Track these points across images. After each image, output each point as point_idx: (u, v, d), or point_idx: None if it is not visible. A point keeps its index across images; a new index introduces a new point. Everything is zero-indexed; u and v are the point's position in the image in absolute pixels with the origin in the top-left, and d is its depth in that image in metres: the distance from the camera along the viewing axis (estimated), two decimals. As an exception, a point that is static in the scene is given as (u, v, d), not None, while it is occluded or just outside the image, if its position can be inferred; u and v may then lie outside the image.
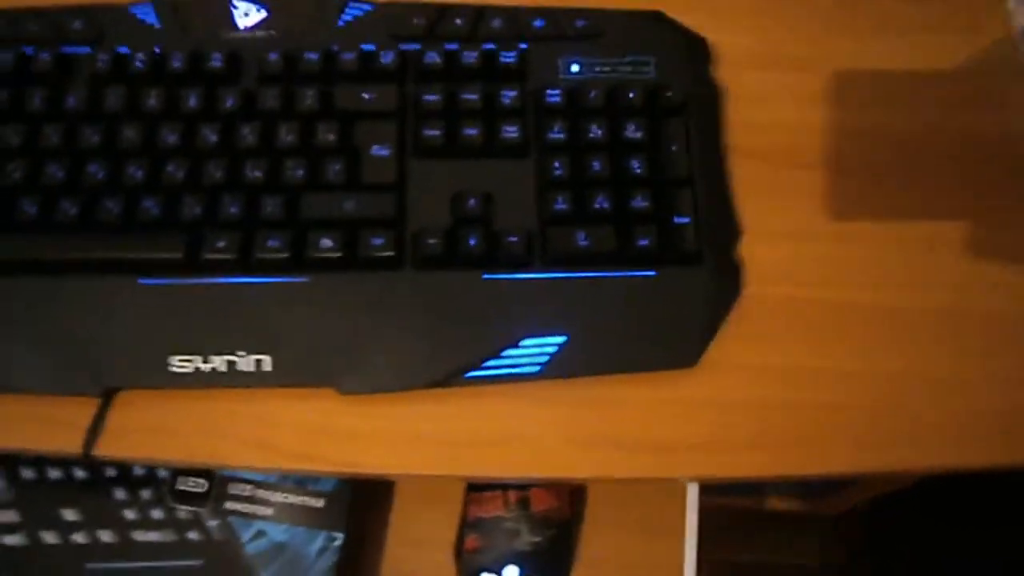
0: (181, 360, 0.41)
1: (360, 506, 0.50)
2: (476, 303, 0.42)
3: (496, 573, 0.51)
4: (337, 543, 0.48)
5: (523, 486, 0.53)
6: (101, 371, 0.41)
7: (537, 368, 0.41)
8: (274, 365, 0.41)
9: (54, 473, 0.51)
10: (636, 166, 0.44)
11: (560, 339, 0.42)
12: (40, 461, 0.52)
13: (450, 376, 0.41)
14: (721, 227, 0.44)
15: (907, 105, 0.49)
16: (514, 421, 0.42)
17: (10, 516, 0.50)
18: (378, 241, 0.42)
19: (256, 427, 0.42)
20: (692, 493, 0.52)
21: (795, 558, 1.02)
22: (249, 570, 0.48)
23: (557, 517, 0.52)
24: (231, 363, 0.41)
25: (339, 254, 0.42)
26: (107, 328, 0.41)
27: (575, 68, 0.46)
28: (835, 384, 0.43)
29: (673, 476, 0.42)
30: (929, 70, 0.50)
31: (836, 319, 0.44)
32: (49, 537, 0.49)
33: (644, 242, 0.42)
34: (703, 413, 0.42)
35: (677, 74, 0.47)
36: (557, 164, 0.43)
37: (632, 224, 0.43)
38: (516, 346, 0.42)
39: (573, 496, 0.53)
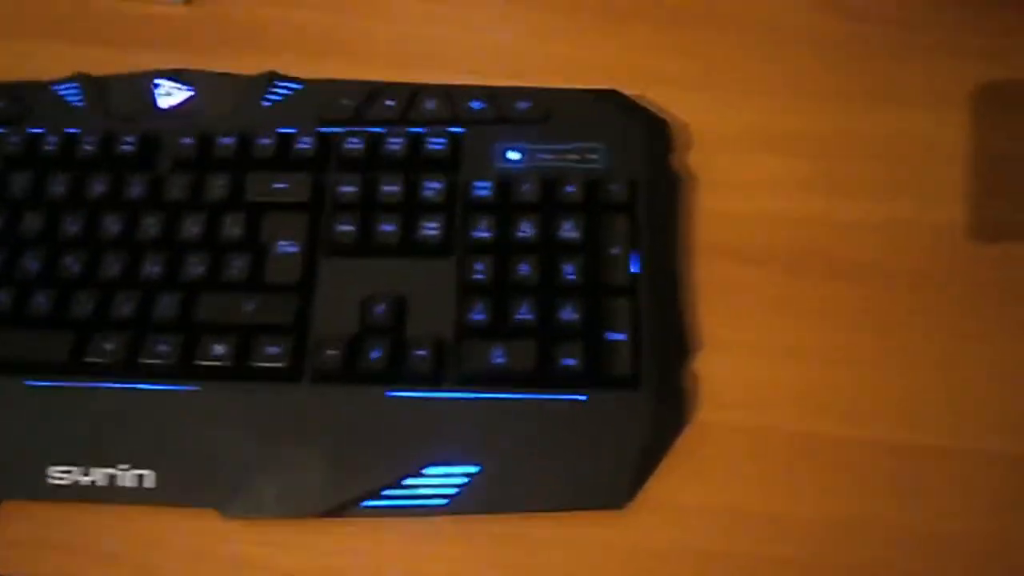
0: (60, 471, 0.38)
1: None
2: (377, 424, 0.38)
3: None
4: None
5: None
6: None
7: (445, 501, 0.36)
8: (157, 481, 0.37)
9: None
10: (569, 271, 0.38)
11: (472, 469, 0.37)
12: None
13: (345, 506, 0.37)
14: (666, 344, 0.38)
15: (908, 194, 0.42)
16: (416, 559, 0.37)
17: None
18: (274, 350, 0.38)
19: (136, 548, 0.38)
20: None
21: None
22: None
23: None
24: (112, 477, 0.38)
25: (231, 363, 0.38)
26: (-10, 432, 0.39)
27: (514, 156, 0.42)
28: (785, 534, 0.36)
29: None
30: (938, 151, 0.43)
31: (798, 455, 0.38)
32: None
33: (570, 361, 0.37)
34: (631, 561, 0.36)
35: (630, 163, 0.41)
36: (479, 266, 0.39)
37: (558, 340, 0.37)
38: (418, 475, 0.37)
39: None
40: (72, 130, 0.43)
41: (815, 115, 0.44)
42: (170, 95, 0.44)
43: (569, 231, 0.39)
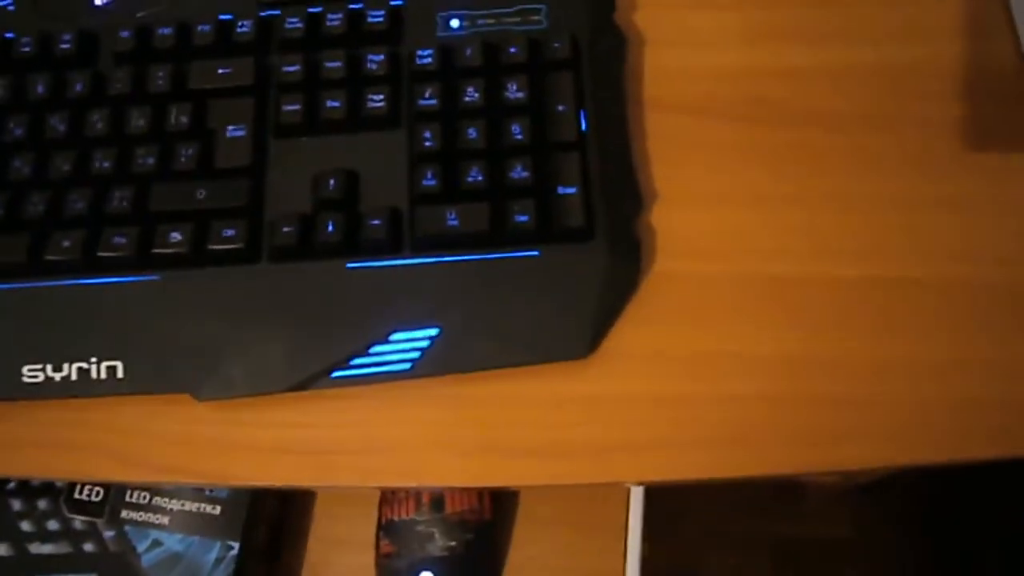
0: (31, 370, 0.38)
1: (264, 510, 0.47)
2: (339, 296, 0.38)
3: (411, 580, 0.47)
4: (233, 552, 0.45)
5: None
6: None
7: (408, 365, 0.37)
8: (127, 372, 0.38)
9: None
10: (517, 131, 0.38)
11: (432, 331, 0.37)
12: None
13: (314, 378, 0.37)
14: (619, 197, 0.39)
15: (850, 42, 0.42)
16: (386, 425, 0.38)
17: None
18: (229, 232, 0.38)
19: (116, 438, 0.39)
20: (637, 493, 0.47)
21: (829, 530, 0.96)
22: (143, 582, 0.45)
23: (475, 519, 0.47)
24: (83, 370, 0.38)
25: (188, 249, 0.38)
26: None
27: (455, 24, 0.41)
28: (747, 372, 0.37)
29: (565, 483, 0.38)
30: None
31: (755, 297, 0.38)
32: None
33: (522, 218, 0.37)
34: (599, 410, 0.37)
35: (572, 22, 0.41)
36: (427, 134, 0.38)
37: (509, 198, 0.38)
38: (386, 341, 0.37)
39: (495, 495, 0.49)
40: (7, 34, 0.42)
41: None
42: (103, -9, 0.43)
43: (514, 92, 0.39)
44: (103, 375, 0.38)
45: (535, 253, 0.38)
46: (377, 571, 0.49)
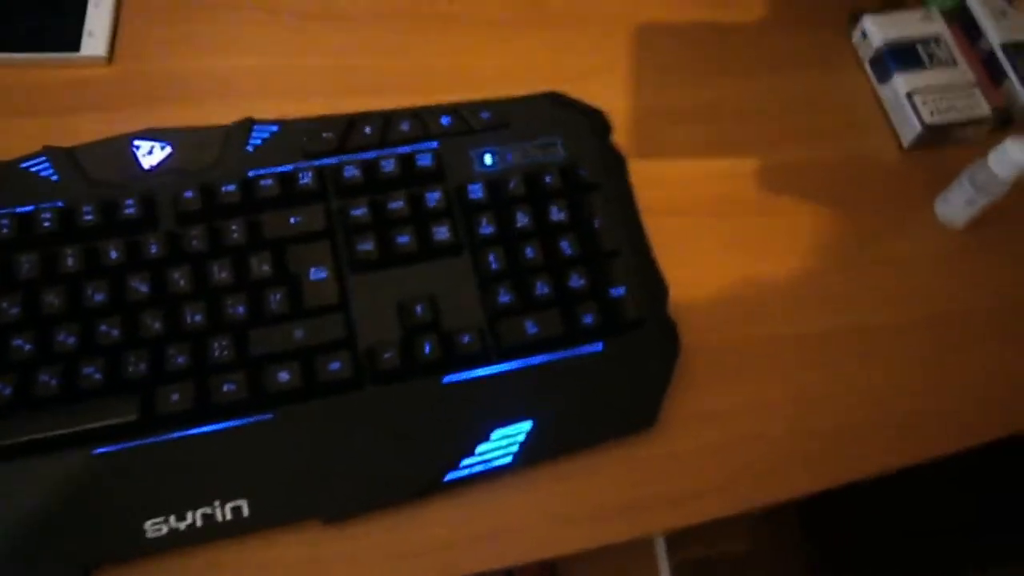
0: (155, 523, 0.40)
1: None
2: (440, 407, 0.43)
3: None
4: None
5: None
6: (73, 551, 0.39)
7: (510, 458, 0.43)
8: (251, 508, 0.41)
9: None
10: (566, 247, 0.46)
11: (526, 425, 0.43)
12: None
13: (429, 484, 0.42)
14: (652, 289, 0.47)
15: (794, 141, 0.54)
16: (499, 513, 0.43)
17: None
18: (335, 365, 0.42)
19: (252, 572, 0.41)
20: (660, 544, 0.55)
21: (726, 545, 1.07)
22: None
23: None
24: (208, 515, 0.40)
25: (299, 385, 0.42)
26: (72, 506, 0.40)
27: (488, 159, 0.48)
28: (777, 414, 0.47)
29: (648, 534, 0.45)
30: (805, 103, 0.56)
31: (765, 354, 0.48)
32: None
33: (588, 319, 0.44)
34: (668, 467, 0.45)
35: (584, 149, 0.49)
36: (492, 258, 0.45)
37: (574, 303, 0.45)
38: (487, 439, 0.43)
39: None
40: (57, 203, 0.44)
41: (705, 87, 0.55)
42: (151, 154, 0.46)
43: (557, 214, 0.46)
44: (228, 516, 0.40)
45: (600, 347, 0.45)
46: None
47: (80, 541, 0.39)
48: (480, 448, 0.43)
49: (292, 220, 0.44)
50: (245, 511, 0.41)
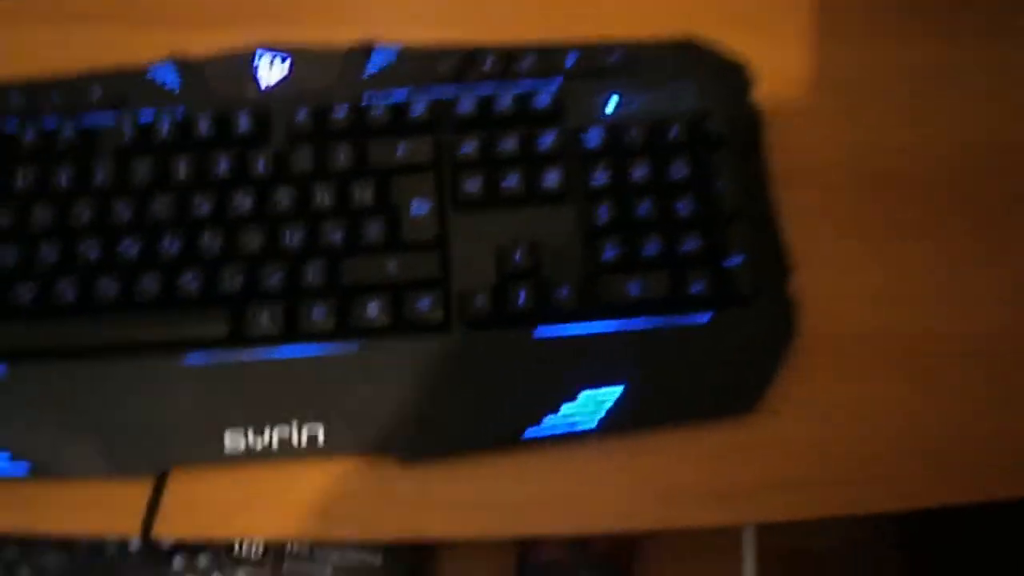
0: (233, 436, 0.40)
1: (419, 557, 0.50)
2: (529, 360, 0.41)
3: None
4: (398, 600, 0.48)
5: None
6: (154, 452, 0.40)
7: (595, 423, 0.41)
8: (327, 435, 0.40)
9: (111, 546, 0.50)
10: (682, 207, 0.42)
11: (617, 390, 0.41)
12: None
13: (509, 436, 0.40)
14: (773, 264, 0.43)
15: (960, 121, 0.48)
16: (576, 477, 0.41)
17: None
18: (424, 304, 0.41)
19: (314, 498, 0.41)
20: (748, 533, 0.51)
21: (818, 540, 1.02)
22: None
23: (618, 557, 0.51)
24: (284, 436, 0.40)
25: (387, 320, 0.41)
26: (156, 409, 0.41)
27: (612, 104, 0.45)
28: (894, 417, 0.42)
29: (736, 523, 0.42)
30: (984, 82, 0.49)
31: (892, 351, 0.43)
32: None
33: (698, 287, 0.41)
34: (764, 457, 0.41)
35: (717, 103, 0.45)
36: (603, 210, 0.42)
37: (684, 268, 0.41)
38: (574, 399, 0.41)
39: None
40: (178, 113, 0.44)
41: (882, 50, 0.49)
42: (270, 70, 0.45)
43: (679, 171, 0.43)
44: (304, 440, 0.40)
45: (707, 317, 0.42)
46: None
47: (163, 444, 0.40)
48: (565, 408, 0.41)
49: (399, 150, 0.43)
50: (321, 437, 0.40)
